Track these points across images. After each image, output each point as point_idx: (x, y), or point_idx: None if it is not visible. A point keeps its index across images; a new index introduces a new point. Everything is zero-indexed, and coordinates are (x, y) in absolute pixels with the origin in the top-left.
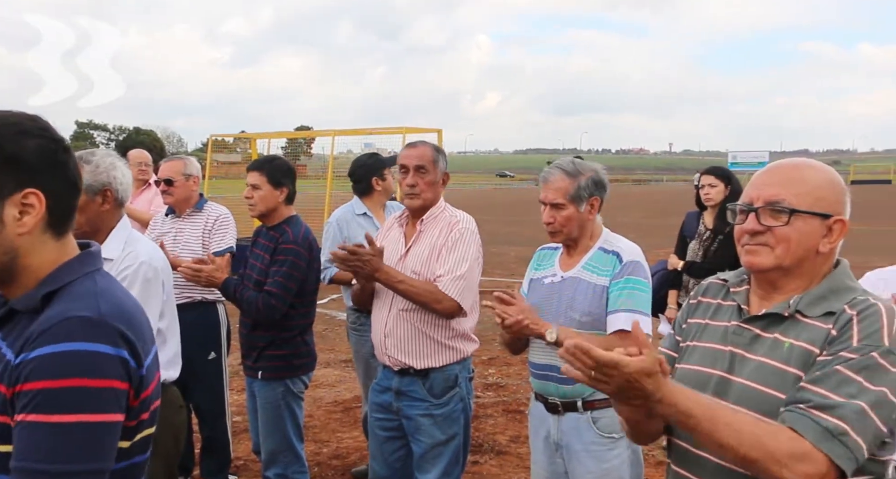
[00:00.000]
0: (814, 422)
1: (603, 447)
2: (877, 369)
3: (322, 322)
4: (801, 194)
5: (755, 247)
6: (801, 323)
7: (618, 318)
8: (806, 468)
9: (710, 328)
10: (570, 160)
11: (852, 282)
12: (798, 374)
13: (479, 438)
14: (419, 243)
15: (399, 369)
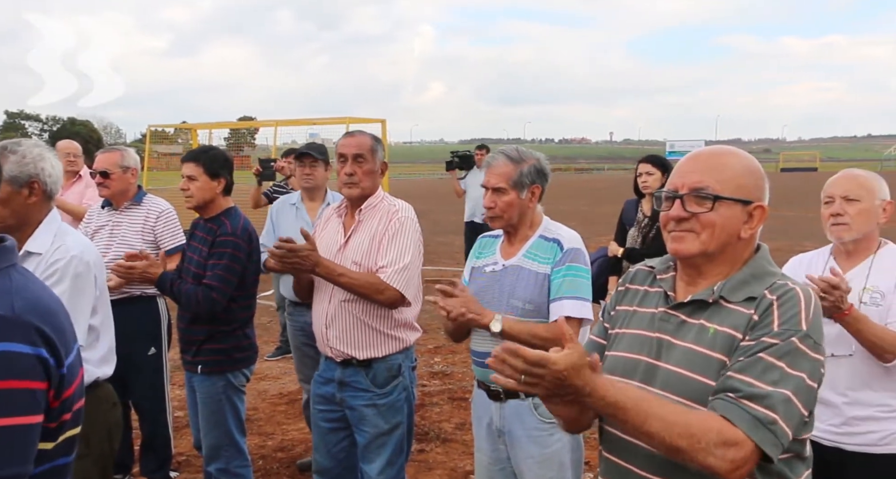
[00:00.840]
0: (745, 412)
1: (544, 433)
2: (796, 354)
3: (266, 314)
4: (723, 181)
5: (681, 233)
6: (725, 309)
7: (561, 305)
8: (733, 454)
9: (638, 315)
10: (514, 148)
11: (772, 266)
12: (723, 359)
13: (425, 426)
14: (359, 233)
15: (341, 360)
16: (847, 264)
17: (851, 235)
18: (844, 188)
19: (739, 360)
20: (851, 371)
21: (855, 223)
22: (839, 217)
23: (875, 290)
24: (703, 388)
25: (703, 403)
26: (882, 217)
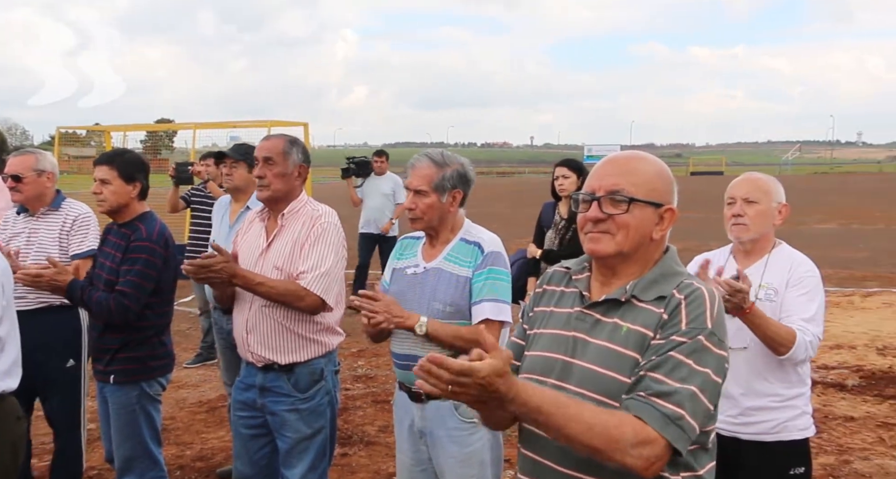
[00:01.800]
0: (654, 409)
1: (465, 432)
2: (702, 352)
3: (186, 320)
4: (637, 184)
5: (597, 235)
6: (637, 308)
7: (482, 308)
8: (648, 452)
9: (555, 315)
10: (440, 151)
11: (679, 267)
12: (635, 356)
13: (349, 429)
14: (281, 237)
15: (263, 365)
16: (745, 262)
17: (749, 235)
18: (745, 190)
19: (651, 359)
20: (747, 364)
21: (753, 224)
22: (739, 218)
23: (769, 287)
24: (616, 384)
25: (617, 399)
26: (778, 219)
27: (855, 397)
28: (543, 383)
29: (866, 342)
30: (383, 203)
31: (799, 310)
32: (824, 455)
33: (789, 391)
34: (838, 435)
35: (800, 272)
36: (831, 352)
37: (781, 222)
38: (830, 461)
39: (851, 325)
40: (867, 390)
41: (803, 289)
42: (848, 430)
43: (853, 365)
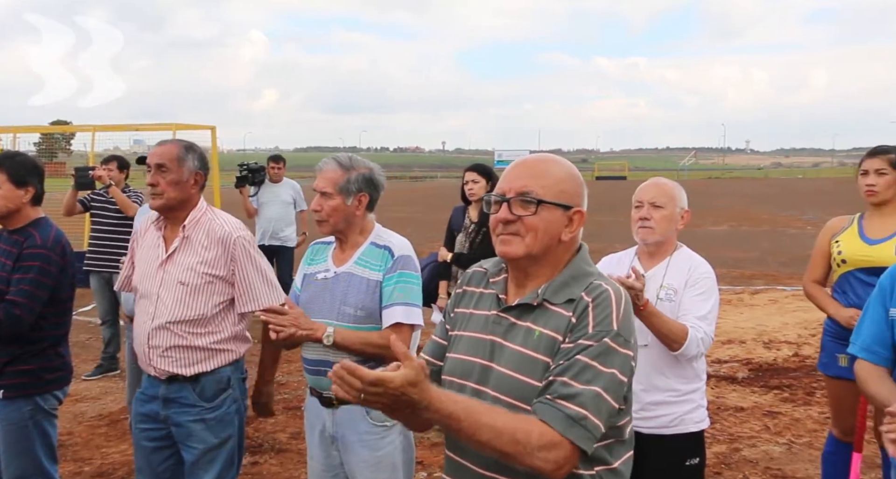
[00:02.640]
0: (559, 411)
1: (376, 436)
2: (608, 353)
3: (86, 331)
4: (546, 186)
5: (508, 237)
6: (549, 311)
7: (393, 311)
8: (554, 455)
9: (475, 317)
10: (349, 155)
11: (590, 266)
12: (546, 361)
13: (259, 437)
14: (185, 250)
15: (166, 377)
16: (649, 264)
17: (655, 238)
18: (652, 195)
19: (560, 363)
20: (647, 360)
21: (659, 227)
22: (646, 221)
23: (670, 287)
24: (530, 389)
25: (531, 403)
26: (680, 224)
27: (744, 388)
28: (464, 387)
29: (754, 337)
30: (283, 212)
31: (694, 309)
32: (717, 445)
33: (686, 386)
34: (729, 425)
35: (697, 274)
36: (723, 347)
37: (683, 227)
38: (722, 449)
39: (741, 321)
40: (755, 382)
41: (699, 289)
42: (738, 420)
43: (743, 359)
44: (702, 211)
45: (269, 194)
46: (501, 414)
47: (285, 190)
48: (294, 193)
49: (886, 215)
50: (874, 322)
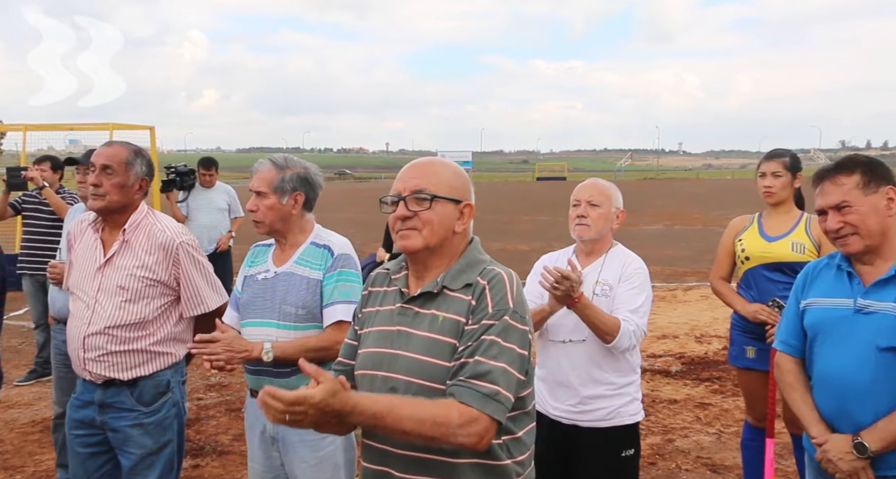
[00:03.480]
0: (474, 391)
1: (317, 437)
2: (508, 329)
3: (18, 336)
4: (437, 184)
5: (406, 232)
6: (449, 297)
7: (334, 310)
8: (475, 429)
9: (381, 314)
10: (284, 156)
11: (482, 255)
12: (452, 342)
13: (201, 440)
14: (124, 254)
15: (102, 382)
16: (585, 261)
17: (591, 235)
18: (589, 194)
19: (468, 345)
20: (585, 354)
21: (595, 225)
22: (583, 219)
23: (605, 283)
24: (440, 370)
25: (442, 383)
26: (615, 223)
27: (677, 381)
28: (374, 377)
29: (687, 332)
30: (218, 220)
31: (627, 302)
32: (651, 436)
33: (622, 380)
34: (663, 417)
35: (631, 269)
36: (658, 342)
37: (618, 226)
38: (657, 440)
39: (674, 317)
40: (687, 375)
41: (632, 284)
42: (671, 412)
43: (676, 353)
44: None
45: (202, 200)
46: (419, 403)
47: (219, 196)
48: (229, 198)
49: (783, 214)
50: (790, 317)
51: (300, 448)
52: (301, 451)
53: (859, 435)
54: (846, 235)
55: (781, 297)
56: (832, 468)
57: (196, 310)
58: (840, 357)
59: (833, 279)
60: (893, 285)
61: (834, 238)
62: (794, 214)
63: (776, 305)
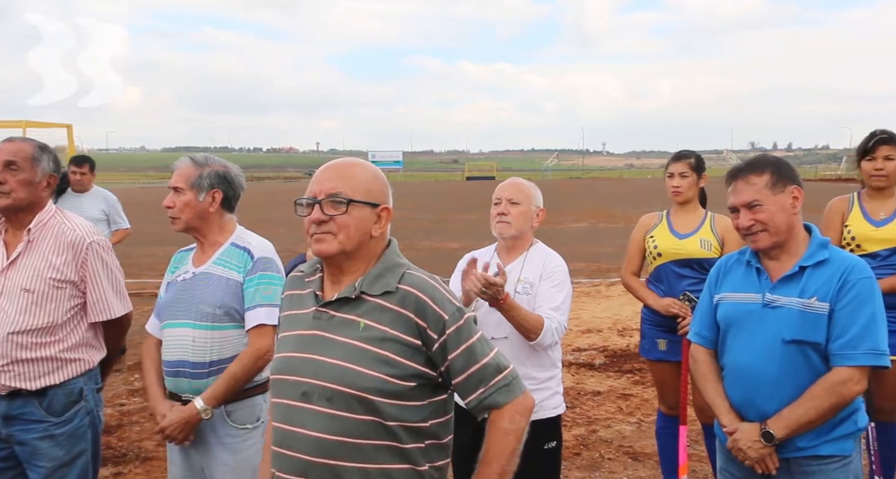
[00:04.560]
0: (499, 391)
1: (238, 439)
2: (469, 325)
3: None
4: (354, 187)
5: (321, 236)
6: (371, 304)
7: (256, 313)
8: (525, 414)
9: (298, 317)
10: (205, 154)
11: (400, 258)
12: (375, 351)
13: (124, 447)
14: (29, 255)
15: (7, 393)
16: (507, 259)
17: (511, 232)
18: (509, 192)
19: (452, 361)
20: (508, 351)
21: (515, 222)
22: (504, 216)
23: (526, 281)
24: (359, 376)
25: (361, 390)
26: (535, 221)
27: (601, 374)
28: (286, 382)
29: (610, 326)
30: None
31: (548, 300)
32: (576, 427)
33: (543, 374)
34: (588, 409)
35: (551, 267)
36: (583, 336)
37: (538, 224)
38: (581, 431)
39: (598, 311)
40: (610, 368)
41: (553, 282)
42: (595, 403)
43: (600, 346)
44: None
45: (72, 207)
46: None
47: (94, 202)
48: (107, 206)
49: (689, 212)
50: (704, 310)
51: (219, 451)
52: (220, 454)
53: (766, 424)
54: (756, 232)
55: (691, 291)
56: (742, 455)
57: (101, 316)
58: (749, 349)
59: (743, 275)
60: (797, 280)
61: (745, 235)
62: (699, 212)
63: (686, 298)
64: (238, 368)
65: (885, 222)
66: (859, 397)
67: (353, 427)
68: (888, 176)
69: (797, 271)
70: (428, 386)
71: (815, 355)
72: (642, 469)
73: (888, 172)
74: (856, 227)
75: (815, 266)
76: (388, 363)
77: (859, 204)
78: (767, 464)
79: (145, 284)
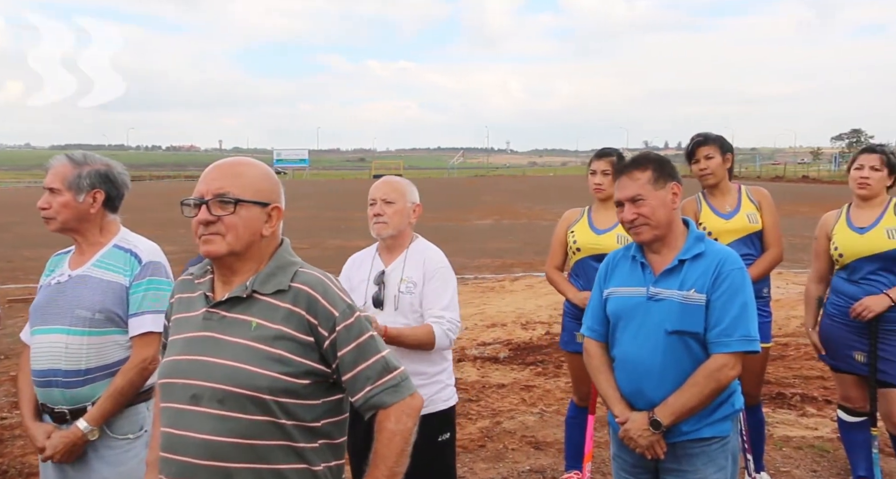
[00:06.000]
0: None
1: (118, 451)
2: (360, 322)
3: None
4: (243, 186)
5: (209, 237)
6: (263, 302)
7: (143, 320)
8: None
9: (188, 320)
10: (83, 152)
11: (293, 257)
12: (268, 350)
13: (5, 463)
14: None
15: None
16: (388, 259)
17: (389, 232)
18: (383, 192)
19: (343, 356)
20: (398, 349)
21: (392, 221)
22: (380, 217)
23: (409, 280)
24: (252, 376)
25: (254, 390)
26: (412, 217)
27: (505, 367)
28: (174, 385)
29: (513, 319)
30: None
31: (436, 301)
32: (481, 420)
33: (433, 369)
34: (492, 401)
35: (433, 266)
36: (488, 330)
37: (416, 220)
38: (486, 424)
39: (503, 306)
40: (514, 360)
41: (438, 281)
42: (500, 396)
43: (504, 340)
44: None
45: None
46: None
47: None
48: None
49: (610, 208)
50: (594, 305)
51: (98, 465)
52: (99, 468)
53: (653, 412)
54: (639, 226)
55: None
56: (633, 444)
57: None
58: (636, 342)
59: (629, 269)
60: (677, 273)
61: (628, 228)
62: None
63: None
64: (124, 382)
65: (732, 215)
66: (735, 380)
67: (245, 428)
68: (713, 173)
69: (676, 264)
70: (323, 385)
71: (696, 344)
72: (544, 458)
73: (712, 170)
74: (709, 222)
75: (693, 259)
76: (282, 362)
77: (706, 202)
78: (656, 450)
79: (32, 289)
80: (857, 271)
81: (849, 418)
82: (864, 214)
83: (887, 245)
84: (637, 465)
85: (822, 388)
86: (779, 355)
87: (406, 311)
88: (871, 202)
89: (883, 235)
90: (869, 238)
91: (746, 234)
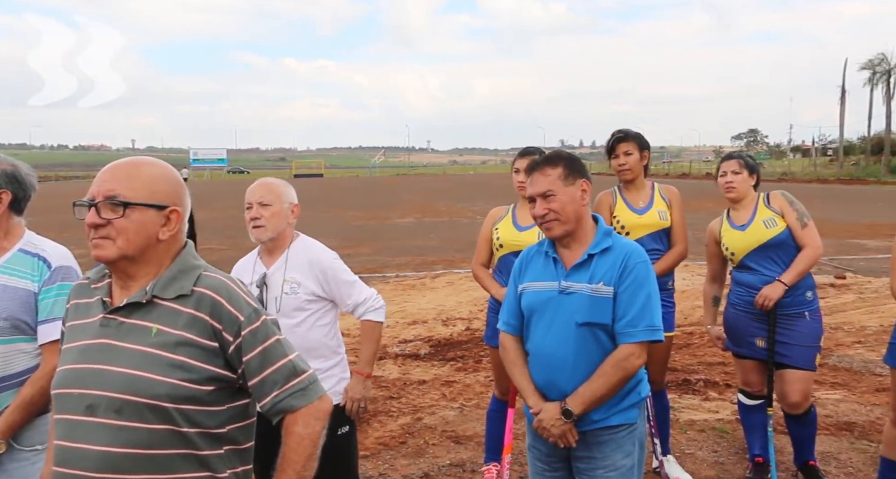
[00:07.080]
0: (297, 394)
1: (25, 463)
2: (266, 326)
3: None
4: (135, 188)
5: (99, 241)
6: (163, 308)
7: (54, 326)
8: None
9: (84, 326)
10: None
11: (196, 260)
12: (169, 356)
13: None
14: None
15: None
16: (269, 261)
17: (268, 235)
18: (259, 195)
19: (248, 360)
20: None
21: (270, 224)
22: (257, 220)
23: (293, 281)
24: (150, 383)
25: (152, 398)
26: (291, 218)
27: (426, 363)
28: (70, 395)
29: (434, 316)
30: None
31: (347, 295)
32: (402, 417)
33: (326, 364)
34: (413, 398)
35: (324, 265)
36: (409, 327)
37: (295, 220)
38: (407, 420)
39: (424, 303)
40: (435, 356)
41: (336, 276)
42: (421, 392)
43: (425, 337)
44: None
45: None
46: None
47: None
48: None
49: None
50: (510, 299)
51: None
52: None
53: (565, 402)
54: (550, 221)
55: None
56: (546, 433)
57: None
58: (548, 335)
59: (542, 265)
60: (587, 267)
61: (540, 223)
62: None
63: None
64: (33, 391)
65: (644, 210)
66: (642, 369)
67: (144, 438)
68: (632, 169)
69: (586, 258)
70: (228, 391)
71: (604, 335)
72: (464, 452)
73: (630, 166)
74: (623, 216)
75: (602, 253)
76: (183, 368)
77: (621, 196)
78: (568, 438)
79: None
80: (750, 263)
81: (748, 401)
82: (741, 214)
83: (767, 234)
84: (551, 454)
85: (723, 373)
86: (684, 344)
87: (289, 312)
88: (744, 202)
89: (762, 227)
90: (751, 232)
91: (656, 230)
